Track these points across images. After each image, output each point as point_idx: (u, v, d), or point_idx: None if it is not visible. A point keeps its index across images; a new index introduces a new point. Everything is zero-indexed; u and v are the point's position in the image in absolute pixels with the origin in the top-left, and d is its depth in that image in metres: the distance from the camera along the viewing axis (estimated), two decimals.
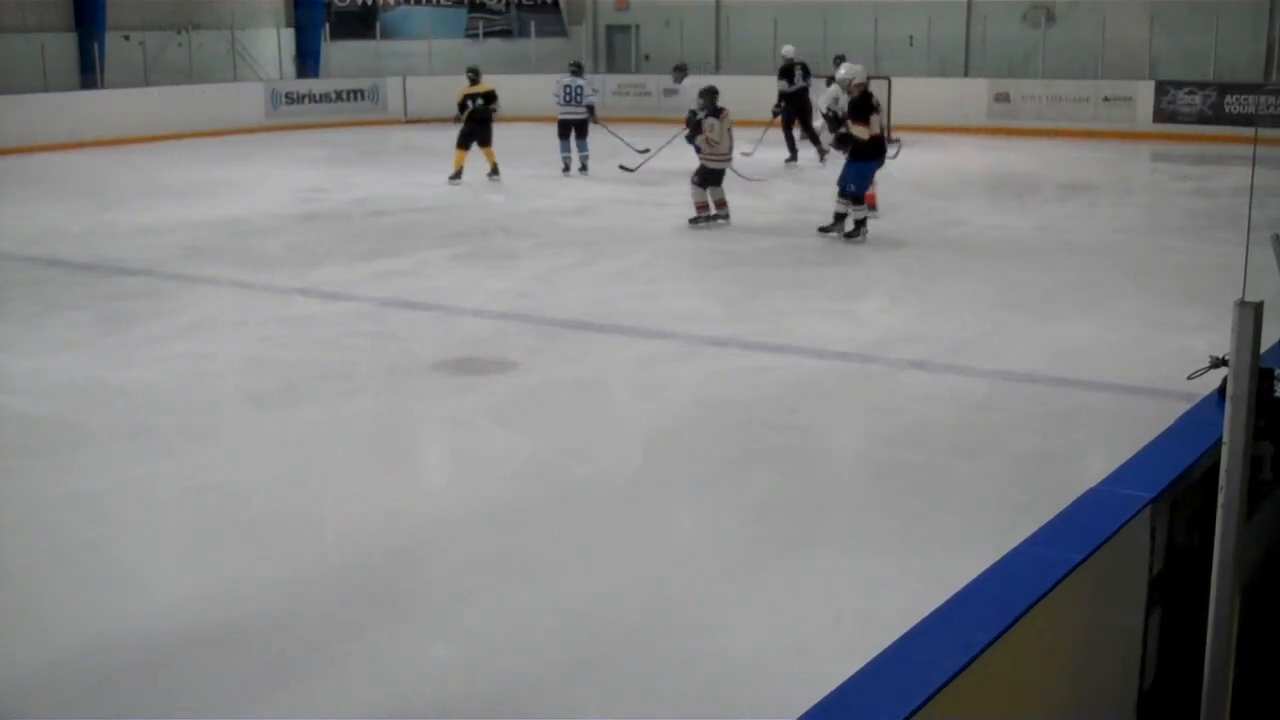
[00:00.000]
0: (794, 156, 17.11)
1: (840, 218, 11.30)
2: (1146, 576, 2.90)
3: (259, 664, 4.04)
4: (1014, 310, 8.70)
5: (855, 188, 11.12)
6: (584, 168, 15.88)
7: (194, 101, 21.06)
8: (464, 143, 15.30)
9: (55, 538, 5.06)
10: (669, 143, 14.86)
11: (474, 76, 15.71)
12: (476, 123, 15.32)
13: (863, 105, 11.14)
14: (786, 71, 17.39)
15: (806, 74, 17.32)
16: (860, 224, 11.23)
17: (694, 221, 11.98)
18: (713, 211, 12.05)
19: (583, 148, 15.91)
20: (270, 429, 6.43)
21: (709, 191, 12.02)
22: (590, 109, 15.95)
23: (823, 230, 11.33)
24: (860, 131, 11.07)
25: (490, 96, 15.47)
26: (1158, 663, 3.02)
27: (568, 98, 15.87)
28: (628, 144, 15.91)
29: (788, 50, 17.74)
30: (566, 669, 4.02)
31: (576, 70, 16.29)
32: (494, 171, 15.48)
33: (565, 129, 15.96)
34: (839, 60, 20.11)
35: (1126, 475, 3.00)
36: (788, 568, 4.74)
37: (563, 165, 15.98)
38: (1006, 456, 5.95)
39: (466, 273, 10.24)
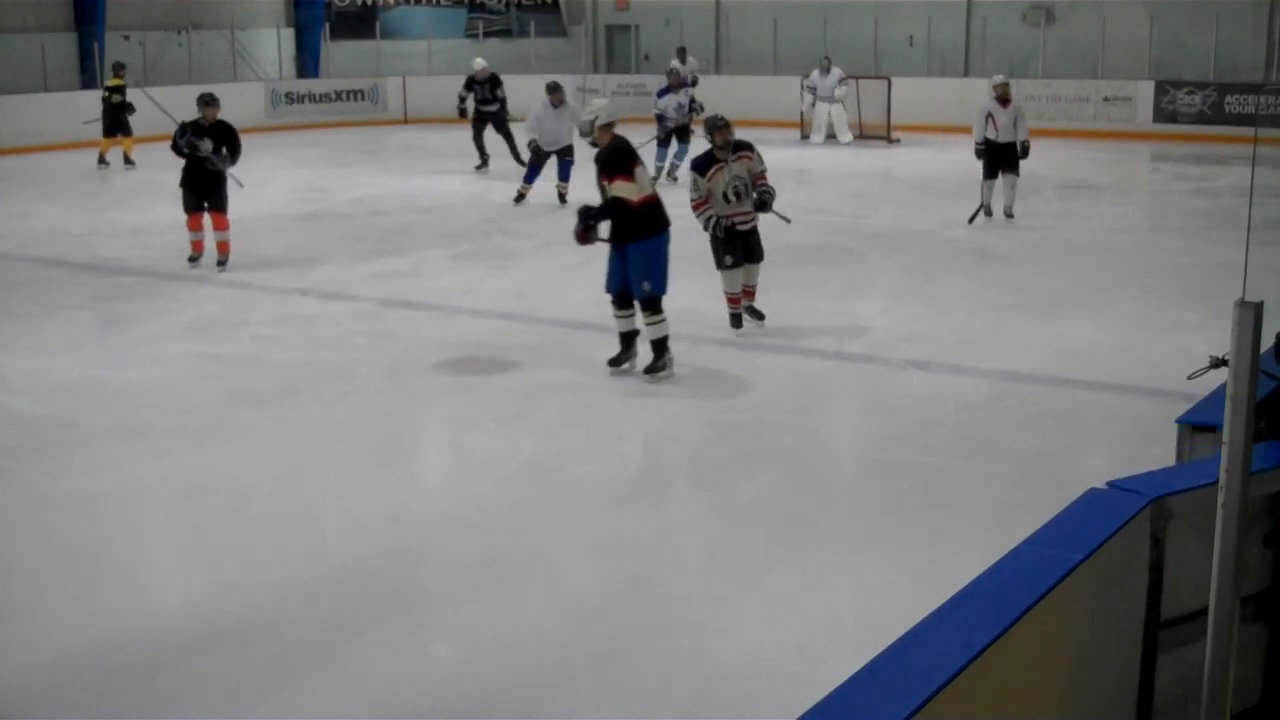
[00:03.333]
0: (485, 163, 16.22)
1: (632, 340, 7.20)
2: (1147, 576, 2.90)
3: (259, 664, 4.05)
4: (1014, 310, 8.70)
5: (657, 286, 7.09)
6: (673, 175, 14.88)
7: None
8: (110, 132, 16.96)
9: (55, 538, 5.06)
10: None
11: (116, 69, 17.38)
12: (118, 110, 16.87)
13: (625, 154, 7.02)
14: (498, 83, 16.26)
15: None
16: (663, 350, 7.08)
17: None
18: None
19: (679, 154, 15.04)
20: (270, 429, 6.43)
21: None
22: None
23: (613, 364, 7.23)
24: (628, 189, 6.90)
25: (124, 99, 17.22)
26: None
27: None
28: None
29: (484, 62, 16.45)
30: (566, 669, 4.02)
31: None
32: (127, 160, 16.95)
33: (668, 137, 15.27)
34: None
35: (1126, 475, 3.00)
36: (787, 567, 4.74)
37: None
38: (1006, 456, 5.95)
39: (466, 273, 10.24)
